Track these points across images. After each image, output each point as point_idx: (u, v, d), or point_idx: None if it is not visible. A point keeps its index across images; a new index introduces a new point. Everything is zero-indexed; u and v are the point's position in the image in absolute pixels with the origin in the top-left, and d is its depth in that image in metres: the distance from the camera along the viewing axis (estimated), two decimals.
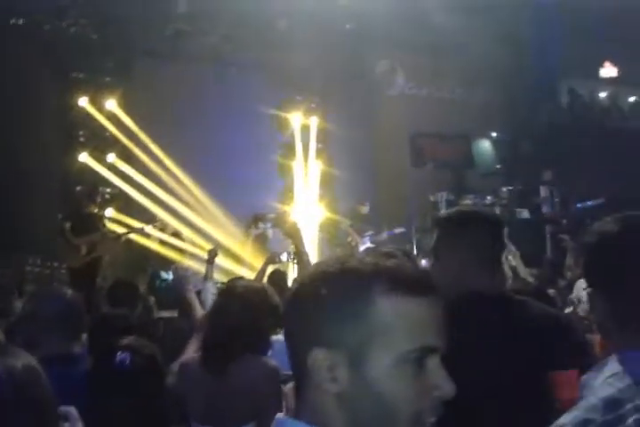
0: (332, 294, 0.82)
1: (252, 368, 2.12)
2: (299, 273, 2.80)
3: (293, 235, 2.64)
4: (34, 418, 1.27)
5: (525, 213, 8.36)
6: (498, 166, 9.78)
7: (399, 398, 0.80)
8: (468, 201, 8.58)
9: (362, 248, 8.23)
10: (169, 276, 5.93)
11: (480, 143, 10.35)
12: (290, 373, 0.94)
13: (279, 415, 0.88)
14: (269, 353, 2.29)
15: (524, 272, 6.92)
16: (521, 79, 9.90)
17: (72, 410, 1.41)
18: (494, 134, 10.23)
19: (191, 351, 2.50)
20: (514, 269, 7.77)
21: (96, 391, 1.67)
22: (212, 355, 2.12)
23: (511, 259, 7.90)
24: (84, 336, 2.51)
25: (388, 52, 9.89)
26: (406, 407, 0.80)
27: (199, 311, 2.95)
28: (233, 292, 2.29)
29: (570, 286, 5.05)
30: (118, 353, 1.60)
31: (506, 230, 6.54)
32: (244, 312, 2.18)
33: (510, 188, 8.75)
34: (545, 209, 8.24)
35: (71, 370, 1.98)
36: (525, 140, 10.09)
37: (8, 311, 3.13)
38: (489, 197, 8.62)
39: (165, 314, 4.20)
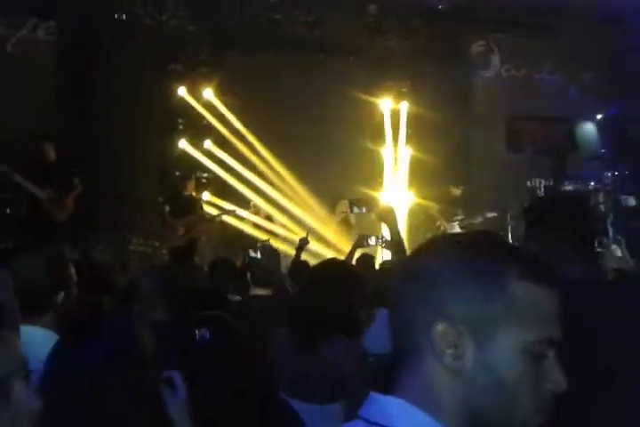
0: (468, 269, 0.81)
1: (341, 349, 2.13)
2: (393, 258, 2.77)
3: (388, 219, 2.61)
4: (141, 378, 1.34)
5: (632, 200, 7.80)
6: (603, 151, 9.17)
7: (519, 386, 0.79)
8: (568, 187, 8.13)
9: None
10: (257, 255, 6.14)
11: (583, 126, 9.73)
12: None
13: (376, 394, 0.84)
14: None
15: (629, 262, 6.47)
16: (628, 59, 9.19)
17: (176, 375, 1.46)
18: (599, 117, 9.58)
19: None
20: (618, 260, 7.31)
21: (182, 364, 1.74)
22: (301, 334, 2.15)
23: (616, 248, 7.45)
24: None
25: (483, 33, 9.51)
26: (524, 396, 0.79)
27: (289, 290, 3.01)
28: (325, 273, 2.31)
29: None
30: (201, 329, 1.65)
31: (610, 218, 6.17)
32: (335, 294, 2.19)
33: (616, 173, 8.18)
34: None
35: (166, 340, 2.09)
36: (634, 123, 9.38)
37: (112, 286, 3.35)
38: (592, 183, 8.11)
39: (260, 292, 4.35)
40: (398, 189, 8.75)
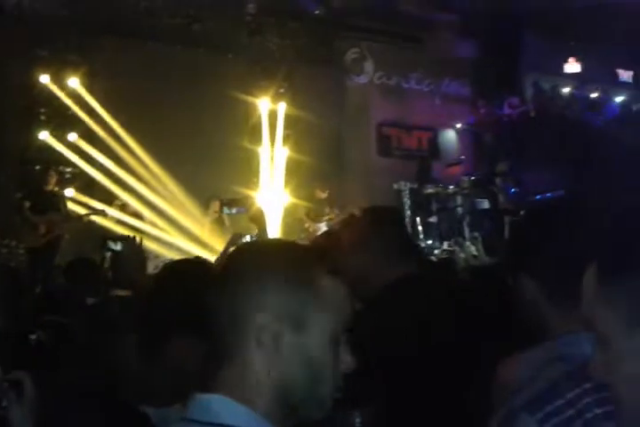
0: (281, 266, 0.92)
1: (182, 347, 2.09)
2: None
3: (258, 219, 2.68)
4: None
5: (486, 204, 8.54)
6: (462, 157, 9.94)
7: (324, 368, 0.91)
8: (430, 190, 8.72)
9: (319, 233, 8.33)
10: (117, 247, 5.83)
11: (445, 134, 10.49)
12: None
13: (197, 393, 0.91)
14: None
15: (485, 259, 7.14)
16: (486, 72, 10.05)
17: (25, 377, 1.39)
18: (459, 125, 10.37)
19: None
20: (473, 257, 7.99)
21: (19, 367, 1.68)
22: (145, 334, 2.10)
23: (469, 246, 8.13)
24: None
25: (359, 40, 9.90)
26: (328, 377, 0.92)
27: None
28: (173, 268, 2.27)
29: None
30: (36, 332, 1.62)
31: (467, 219, 6.72)
32: (177, 289, 2.13)
33: (472, 178, 8.90)
34: (501, 199, 8.40)
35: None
36: (489, 132, 10.27)
37: None
38: (451, 187, 8.77)
39: (121, 293, 4.15)
40: (274, 189, 8.87)
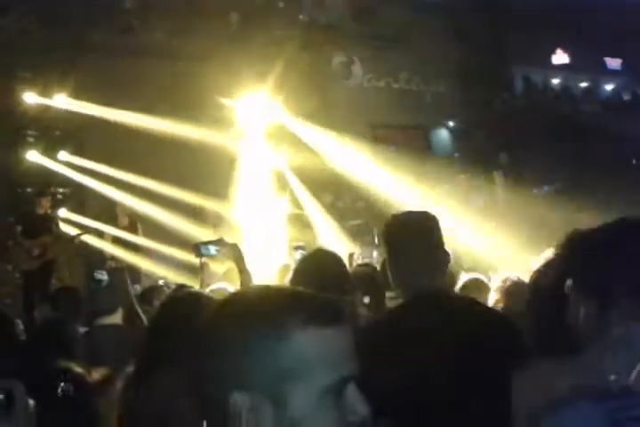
0: (247, 333, 0.78)
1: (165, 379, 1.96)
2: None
3: (232, 256, 2.60)
4: None
5: (481, 202, 8.48)
6: (456, 155, 9.89)
7: None
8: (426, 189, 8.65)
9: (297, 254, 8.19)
10: (103, 276, 5.65)
11: (437, 132, 10.44)
12: None
13: None
14: None
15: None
16: (474, 69, 10.01)
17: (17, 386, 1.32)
18: (451, 123, 10.33)
19: None
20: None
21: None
22: (136, 367, 2.02)
23: None
24: None
25: (345, 44, 9.85)
26: None
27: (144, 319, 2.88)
28: (166, 302, 2.22)
29: None
30: (62, 384, 1.56)
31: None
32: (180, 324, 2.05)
33: (468, 175, 8.86)
34: (500, 193, 8.34)
35: None
36: (481, 129, 10.22)
37: None
38: (446, 186, 8.71)
39: (107, 321, 3.88)
40: (264, 197, 8.71)
